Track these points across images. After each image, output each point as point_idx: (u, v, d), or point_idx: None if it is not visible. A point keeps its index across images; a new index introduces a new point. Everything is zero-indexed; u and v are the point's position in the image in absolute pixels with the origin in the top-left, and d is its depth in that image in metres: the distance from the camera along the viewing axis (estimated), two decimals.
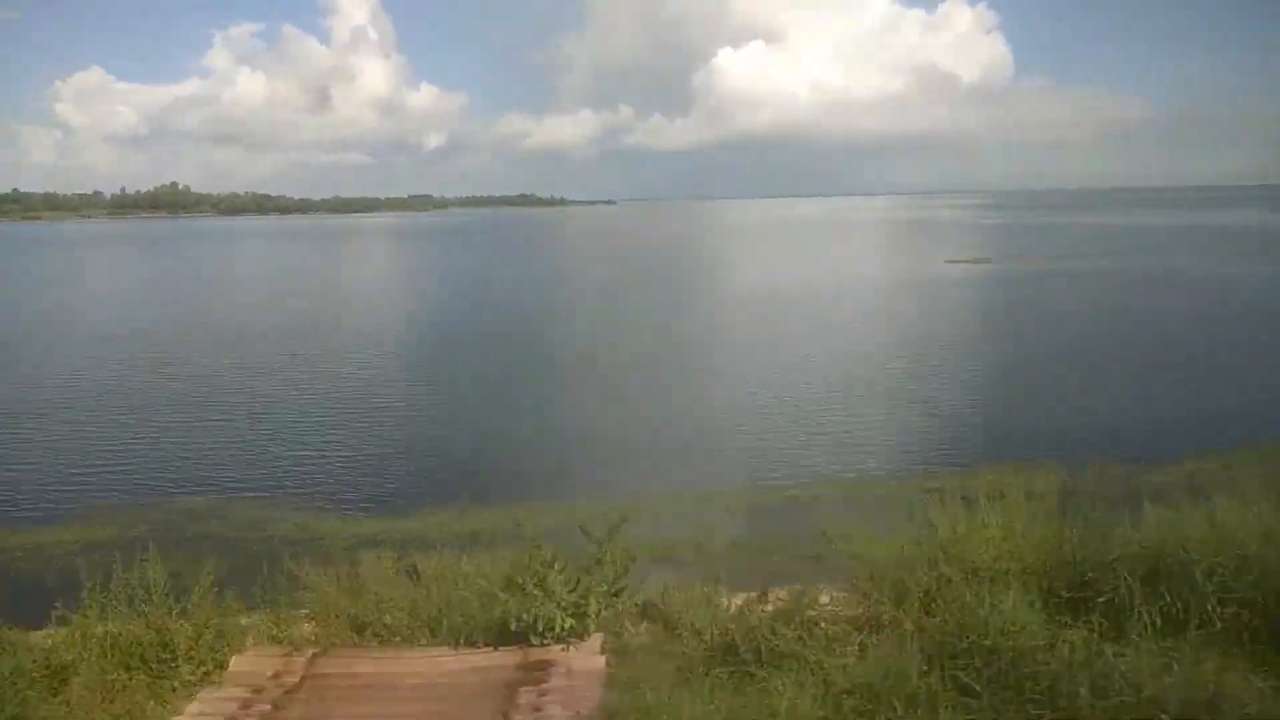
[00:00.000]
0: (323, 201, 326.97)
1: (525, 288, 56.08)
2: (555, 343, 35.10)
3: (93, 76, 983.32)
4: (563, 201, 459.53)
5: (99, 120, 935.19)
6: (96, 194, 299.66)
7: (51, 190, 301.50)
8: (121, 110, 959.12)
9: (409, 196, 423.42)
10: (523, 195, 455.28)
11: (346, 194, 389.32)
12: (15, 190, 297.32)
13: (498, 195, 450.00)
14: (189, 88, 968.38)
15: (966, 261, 64.44)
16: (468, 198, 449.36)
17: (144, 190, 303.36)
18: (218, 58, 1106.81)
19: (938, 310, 41.64)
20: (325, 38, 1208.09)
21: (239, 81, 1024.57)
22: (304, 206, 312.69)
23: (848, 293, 49.08)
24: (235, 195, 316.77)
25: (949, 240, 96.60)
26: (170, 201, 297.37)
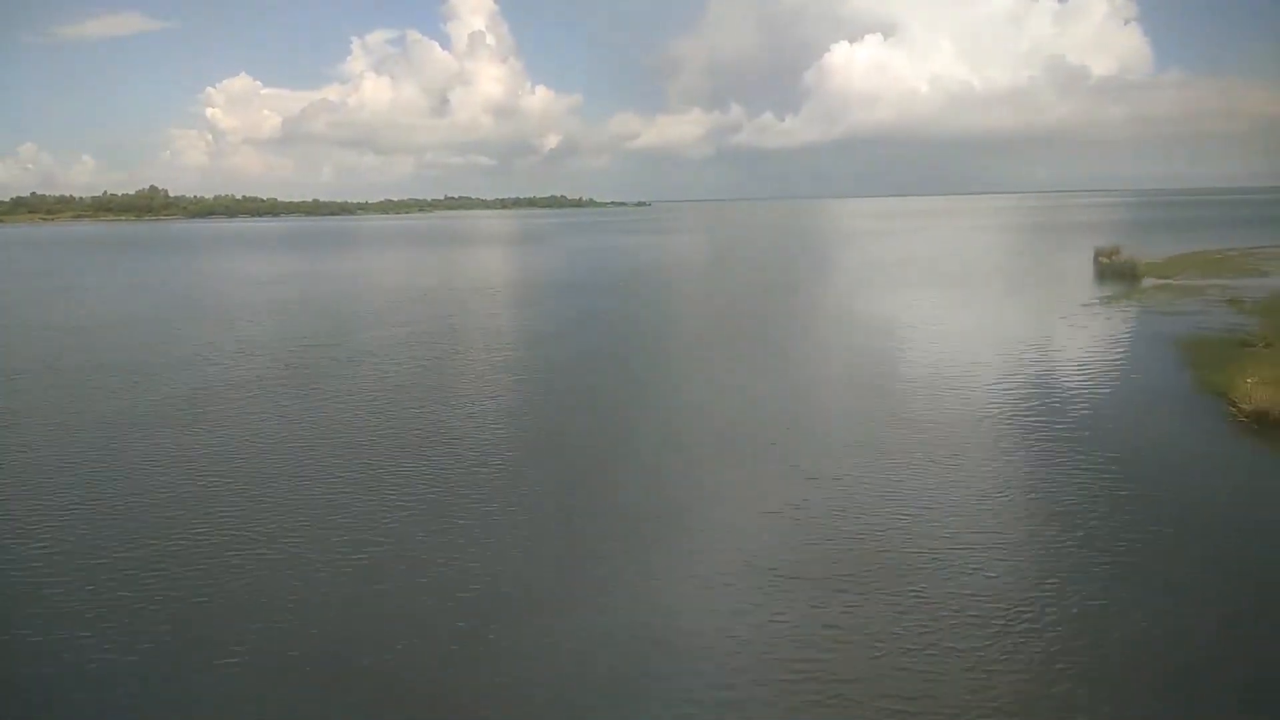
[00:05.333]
0: (300, 204, 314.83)
1: None
2: None
3: (240, 82, 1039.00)
4: (591, 203, 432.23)
5: (245, 125, 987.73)
6: (75, 197, 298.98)
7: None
8: (266, 115, 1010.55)
9: (444, 198, 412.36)
10: (553, 197, 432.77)
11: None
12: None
13: (525, 197, 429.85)
14: (328, 93, 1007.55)
15: None
16: (496, 199, 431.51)
17: (128, 193, 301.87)
18: (355, 63, 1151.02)
19: None
20: (446, 43, 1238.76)
21: (366, 87, 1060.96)
22: (275, 209, 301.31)
23: None
24: (216, 198, 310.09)
25: None
26: (145, 205, 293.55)
